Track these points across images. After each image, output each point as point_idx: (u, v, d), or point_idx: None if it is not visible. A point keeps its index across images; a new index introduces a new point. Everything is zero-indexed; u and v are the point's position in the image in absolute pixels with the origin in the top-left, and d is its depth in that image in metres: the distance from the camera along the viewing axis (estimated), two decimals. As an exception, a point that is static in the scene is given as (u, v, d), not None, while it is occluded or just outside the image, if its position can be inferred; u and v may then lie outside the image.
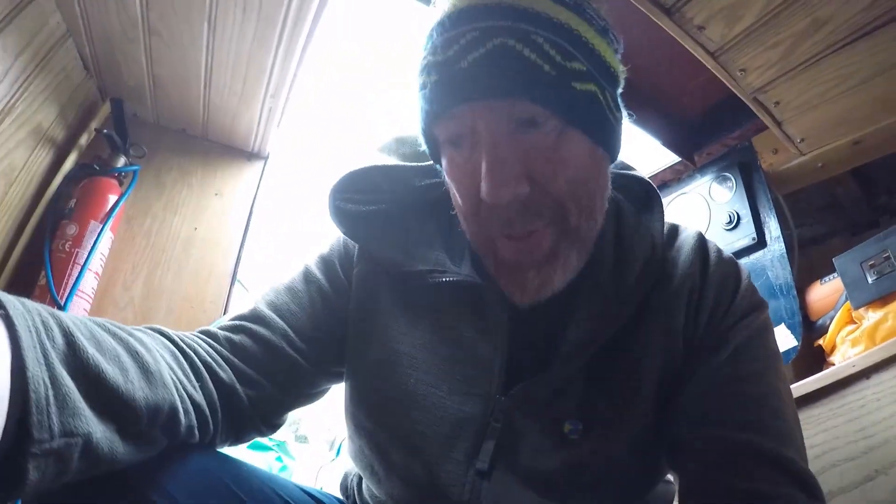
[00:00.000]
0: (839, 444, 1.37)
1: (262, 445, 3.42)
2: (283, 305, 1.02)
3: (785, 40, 1.63)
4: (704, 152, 2.39)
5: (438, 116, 0.82)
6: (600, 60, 0.82)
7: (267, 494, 0.89)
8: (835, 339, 1.90)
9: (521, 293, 0.86)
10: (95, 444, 0.62)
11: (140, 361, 0.72)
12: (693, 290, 0.92)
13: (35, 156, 1.69)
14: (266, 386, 0.95)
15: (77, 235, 1.73)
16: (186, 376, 0.82)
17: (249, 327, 0.98)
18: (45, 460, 0.57)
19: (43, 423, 0.55)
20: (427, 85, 0.82)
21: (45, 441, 0.55)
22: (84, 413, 0.61)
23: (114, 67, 1.84)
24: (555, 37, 0.77)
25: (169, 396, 0.74)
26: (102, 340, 0.68)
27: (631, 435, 0.89)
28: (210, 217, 2.12)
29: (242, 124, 2.10)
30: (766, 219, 2.15)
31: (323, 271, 1.08)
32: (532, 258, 0.84)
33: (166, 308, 1.94)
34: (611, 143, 0.87)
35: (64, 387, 0.58)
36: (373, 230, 1.02)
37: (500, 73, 0.75)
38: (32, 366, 0.55)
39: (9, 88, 1.48)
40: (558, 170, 0.80)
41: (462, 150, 0.83)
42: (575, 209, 0.82)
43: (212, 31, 1.64)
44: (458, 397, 0.92)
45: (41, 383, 0.55)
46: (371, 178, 1.05)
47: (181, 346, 0.86)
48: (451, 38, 0.78)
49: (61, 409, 0.57)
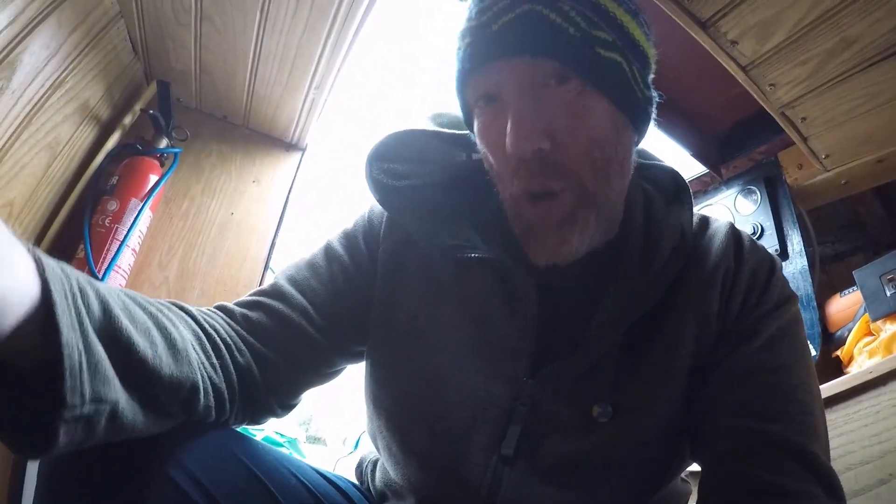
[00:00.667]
0: (855, 448, 1.39)
1: (274, 441, 3.44)
2: (304, 281, 1.01)
3: (814, 58, 1.66)
4: (731, 165, 2.42)
5: (470, 75, 0.86)
6: (628, 35, 0.85)
7: (282, 472, 0.90)
8: (852, 350, 1.92)
9: (541, 254, 0.86)
10: (121, 412, 0.64)
11: (168, 337, 0.73)
12: (727, 275, 0.93)
13: (80, 131, 1.73)
14: (282, 366, 0.94)
15: (117, 211, 1.76)
16: (207, 355, 0.83)
17: (268, 303, 0.97)
18: (76, 425, 0.58)
19: (76, 388, 0.56)
20: (461, 48, 0.86)
21: (76, 406, 0.56)
22: (114, 381, 0.62)
23: (161, 51, 1.87)
24: (582, 6, 0.81)
25: (192, 374, 0.75)
26: (135, 313, 0.69)
27: (660, 420, 0.89)
28: (247, 203, 2.15)
29: (284, 114, 2.13)
30: (789, 232, 2.18)
31: (346, 247, 1.07)
32: (552, 220, 0.85)
33: (200, 290, 1.96)
34: (635, 115, 0.88)
35: (97, 353, 0.59)
36: (406, 201, 1.01)
37: (526, 34, 0.80)
38: (67, 331, 0.55)
39: (60, 63, 1.52)
40: (577, 126, 0.82)
41: (491, 108, 0.87)
42: (591, 172, 0.84)
43: (264, 19, 1.67)
44: (483, 379, 0.92)
45: (75, 349, 0.56)
46: (409, 145, 1.05)
47: (203, 324, 0.86)
48: (485, 6, 0.83)
49: (93, 376, 0.58)
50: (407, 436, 0.96)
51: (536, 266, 0.88)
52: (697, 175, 2.47)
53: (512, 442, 0.89)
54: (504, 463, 0.89)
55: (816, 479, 0.78)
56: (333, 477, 1.04)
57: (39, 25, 1.39)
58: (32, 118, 1.47)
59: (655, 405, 0.89)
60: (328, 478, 1.02)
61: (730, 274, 0.93)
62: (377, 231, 1.07)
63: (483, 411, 0.91)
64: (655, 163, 1.04)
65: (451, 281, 0.99)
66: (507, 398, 0.91)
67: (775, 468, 0.78)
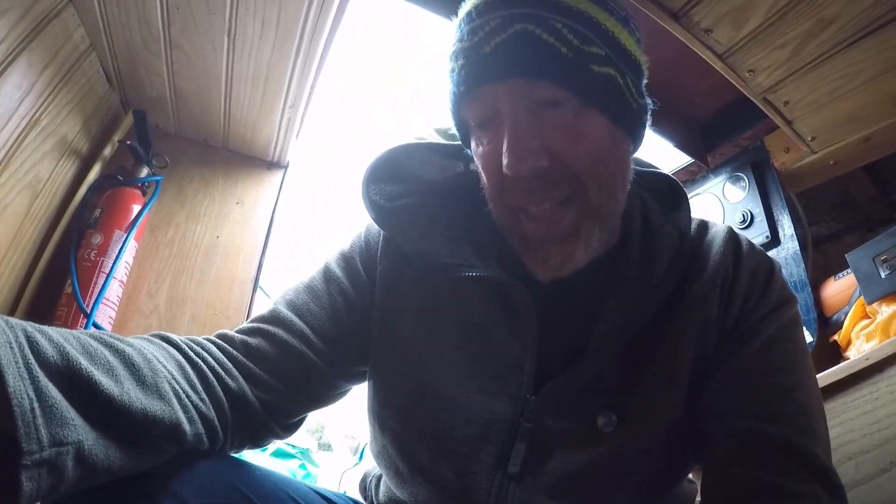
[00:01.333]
0: (855, 436, 1.37)
1: (285, 453, 3.43)
2: (303, 305, 1.02)
3: (792, 40, 1.65)
4: (717, 153, 2.41)
5: (464, 97, 0.86)
6: (620, 47, 0.85)
7: (279, 497, 0.89)
8: (849, 335, 1.90)
9: (544, 269, 0.87)
10: (88, 452, 0.64)
11: (136, 372, 0.73)
12: (726, 279, 0.93)
13: (60, 167, 1.73)
14: (279, 389, 0.95)
15: (102, 244, 1.75)
16: (191, 384, 0.83)
17: (266, 329, 0.98)
18: (38, 471, 0.58)
19: (31, 435, 0.56)
20: (455, 69, 0.86)
21: (34, 452, 0.57)
22: (74, 422, 0.62)
23: (136, 80, 1.88)
24: (573, 23, 0.81)
25: (167, 406, 0.75)
26: (95, 352, 0.70)
27: (664, 426, 0.89)
28: (232, 225, 2.14)
29: (262, 135, 2.13)
30: (779, 217, 2.17)
31: (344, 269, 1.07)
32: (554, 234, 0.85)
33: (190, 315, 1.96)
34: (631, 126, 0.88)
35: (50, 398, 0.60)
36: (401, 221, 1.02)
37: (520, 55, 0.80)
38: (13, 381, 0.56)
39: (34, 101, 1.52)
40: (577, 145, 0.82)
41: (487, 130, 0.87)
42: (595, 186, 0.84)
43: (231, 43, 1.67)
44: (486, 397, 0.92)
45: (24, 396, 0.57)
46: (403, 163, 1.06)
47: (188, 353, 0.87)
48: (476, 26, 0.83)
49: (48, 420, 0.59)
50: (413, 454, 0.97)
51: (535, 281, 0.89)
52: (684, 165, 2.46)
53: (518, 459, 0.89)
54: (510, 480, 0.89)
55: (817, 480, 0.78)
56: (334, 497, 1.04)
57: (10, 67, 1.39)
58: (11, 159, 1.47)
59: (659, 412, 0.90)
60: (328, 498, 1.02)
61: (728, 278, 0.93)
62: (374, 251, 1.08)
63: (487, 430, 0.92)
64: (650, 170, 1.03)
65: (449, 299, 0.99)
66: (511, 415, 0.91)
67: (776, 469, 0.79)
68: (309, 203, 2.69)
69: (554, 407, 0.90)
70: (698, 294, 0.92)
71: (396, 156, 1.05)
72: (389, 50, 1.99)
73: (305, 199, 2.64)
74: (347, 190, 0.92)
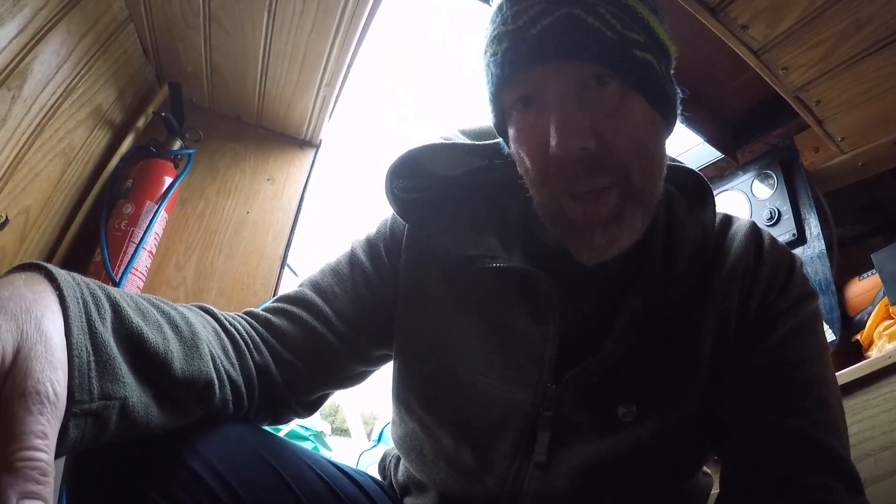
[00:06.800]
0: (874, 433, 1.38)
1: (299, 435, 3.46)
2: (328, 287, 1.05)
3: (827, 40, 1.65)
4: (747, 150, 2.41)
5: (509, 79, 0.86)
6: (654, 35, 0.86)
7: (299, 465, 0.92)
8: (872, 334, 1.91)
9: (588, 252, 0.87)
10: (132, 408, 0.66)
11: (180, 333, 0.76)
12: (746, 273, 0.93)
13: (94, 136, 1.75)
14: (300, 367, 0.97)
15: (133, 214, 1.78)
16: (225, 352, 0.86)
17: (290, 310, 1.01)
18: (85, 420, 0.60)
19: (84, 386, 0.59)
20: (498, 52, 0.86)
21: (84, 402, 0.59)
22: (124, 378, 0.65)
23: (172, 53, 1.89)
24: (615, 9, 0.81)
25: (205, 368, 0.78)
26: (147, 311, 0.73)
27: (683, 417, 0.90)
28: (262, 202, 2.16)
29: (296, 113, 2.14)
30: (806, 216, 2.16)
31: (368, 255, 1.09)
32: (598, 217, 0.85)
33: (217, 289, 1.98)
34: (668, 111, 0.89)
35: (106, 353, 0.63)
36: (425, 213, 1.04)
37: (568, 38, 0.80)
38: (77, 334, 0.59)
39: (71, 69, 1.54)
40: (622, 128, 0.83)
41: (531, 111, 0.87)
42: (637, 169, 0.84)
43: (272, 18, 1.68)
44: (507, 385, 0.93)
45: (84, 349, 0.60)
46: (422, 163, 1.06)
47: (224, 324, 0.90)
48: (520, 10, 0.83)
49: (101, 374, 0.62)
50: (439, 439, 0.98)
51: (557, 271, 0.91)
52: (713, 160, 2.46)
53: (543, 449, 0.90)
54: (534, 468, 0.90)
55: (835, 473, 0.78)
56: (352, 471, 1.06)
57: (49, 33, 1.40)
58: (45, 125, 1.49)
59: (679, 402, 0.90)
60: (346, 472, 1.03)
61: (749, 272, 0.93)
62: (399, 241, 1.09)
63: (506, 418, 0.92)
64: (676, 164, 1.03)
65: (473, 290, 1.00)
66: (531, 403, 0.92)
67: (794, 462, 0.79)
68: (340, 184, 2.69)
69: (574, 396, 0.91)
70: (719, 287, 0.92)
71: (420, 153, 1.06)
72: (424, 36, 1.99)
73: (337, 180, 2.64)
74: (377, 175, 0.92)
